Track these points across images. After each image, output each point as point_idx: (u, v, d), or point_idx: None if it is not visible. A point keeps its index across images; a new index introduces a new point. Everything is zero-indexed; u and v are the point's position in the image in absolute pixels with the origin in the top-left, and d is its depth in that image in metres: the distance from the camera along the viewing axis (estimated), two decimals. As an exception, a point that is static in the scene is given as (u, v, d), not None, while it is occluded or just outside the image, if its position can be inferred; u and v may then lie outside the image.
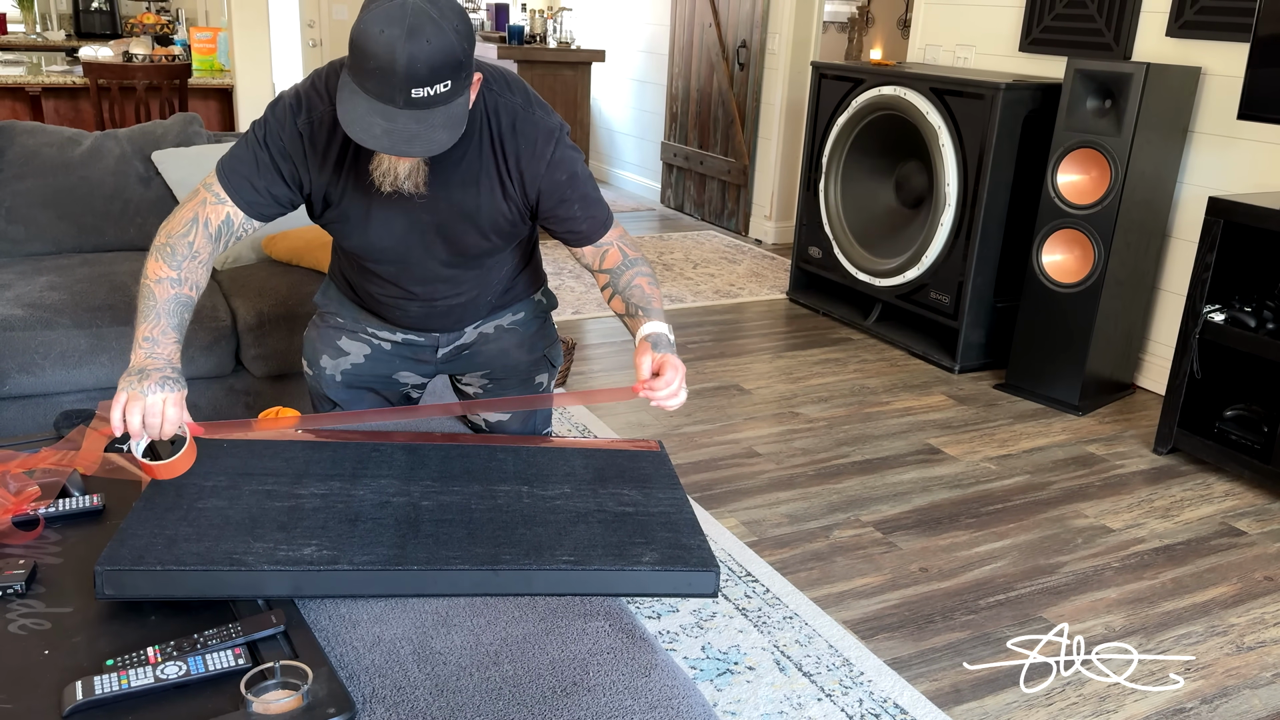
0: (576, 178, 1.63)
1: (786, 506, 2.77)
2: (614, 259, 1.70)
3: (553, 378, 2.02)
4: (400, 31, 1.29)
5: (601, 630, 1.35)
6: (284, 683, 1.16)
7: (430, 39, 1.31)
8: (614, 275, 1.70)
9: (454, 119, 1.39)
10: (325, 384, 1.95)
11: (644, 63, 6.89)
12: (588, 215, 1.67)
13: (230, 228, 1.59)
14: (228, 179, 1.58)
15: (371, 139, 1.36)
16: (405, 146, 1.37)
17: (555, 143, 1.59)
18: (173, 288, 1.54)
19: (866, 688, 2.04)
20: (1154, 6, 3.61)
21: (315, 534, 1.43)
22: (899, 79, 3.96)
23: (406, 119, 1.35)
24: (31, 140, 2.99)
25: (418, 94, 1.33)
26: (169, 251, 1.56)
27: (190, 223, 1.57)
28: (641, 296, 1.66)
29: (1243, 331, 2.96)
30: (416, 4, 1.31)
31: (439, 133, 1.38)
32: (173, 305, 1.54)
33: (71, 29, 7.40)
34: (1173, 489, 3.00)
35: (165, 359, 1.50)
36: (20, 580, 1.35)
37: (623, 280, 1.69)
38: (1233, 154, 3.44)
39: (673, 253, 5.46)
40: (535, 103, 1.60)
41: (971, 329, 3.84)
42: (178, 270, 1.55)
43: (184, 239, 1.56)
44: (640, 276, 1.69)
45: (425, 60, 1.31)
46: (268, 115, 1.58)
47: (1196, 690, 2.10)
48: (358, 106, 1.36)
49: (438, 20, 1.32)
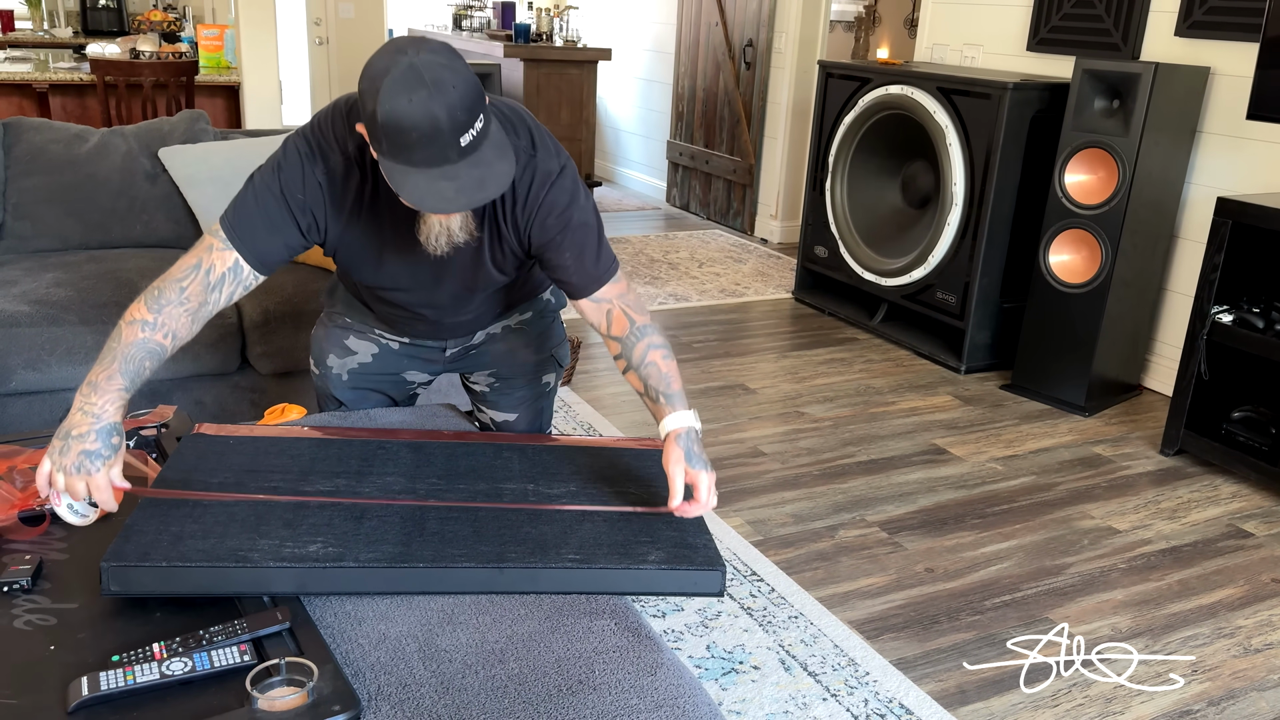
0: (569, 223, 1.56)
1: (792, 506, 2.77)
2: (621, 325, 1.61)
3: (559, 377, 2.02)
4: (428, 92, 1.28)
5: (607, 628, 1.35)
6: (289, 680, 1.16)
7: (455, 84, 1.30)
8: (625, 346, 1.61)
9: (501, 146, 1.39)
10: (332, 383, 1.95)
11: (650, 61, 6.88)
12: (578, 265, 1.59)
13: (239, 276, 1.53)
14: (237, 232, 1.51)
15: (451, 204, 1.35)
16: (481, 194, 1.36)
17: (550, 185, 1.54)
18: (143, 331, 1.44)
19: (872, 688, 2.04)
20: (1162, 6, 3.59)
21: (321, 531, 1.43)
22: (906, 78, 3.95)
23: (467, 168, 1.34)
24: (38, 137, 2.99)
25: (466, 140, 1.33)
26: (155, 295, 1.48)
27: (191, 269, 1.50)
28: (659, 378, 1.58)
29: (1251, 333, 2.95)
30: (423, 60, 1.30)
31: (499, 165, 1.37)
32: (135, 350, 1.43)
33: (79, 26, 7.41)
34: (1179, 490, 2.99)
35: (94, 414, 1.38)
36: (26, 576, 1.35)
37: (635, 354, 1.60)
38: (1241, 154, 3.43)
39: (678, 252, 5.46)
40: (540, 144, 1.55)
41: (978, 329, 3.83)
42: (156, 314, 1.46)
43: (176, 284, 1.48)
44: (654, 350, 1.60)
45: (460, 105, 1.30)
46: (280, 165, 1.52)
47: (1203, 692, 2.10)
48: (419, 183, 1.34)
49: (448, 64, 1.31)
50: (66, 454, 1.36)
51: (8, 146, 2.95)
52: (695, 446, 1.52)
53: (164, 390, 2.60)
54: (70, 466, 1.36)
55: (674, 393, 1.57)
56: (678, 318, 4.34)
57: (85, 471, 1.36)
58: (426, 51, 1.31)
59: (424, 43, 1.34)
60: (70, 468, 1.36)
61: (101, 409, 1.40)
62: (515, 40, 6.04)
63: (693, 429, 1.54)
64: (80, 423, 1.38)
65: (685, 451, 1.51)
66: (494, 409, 1.99)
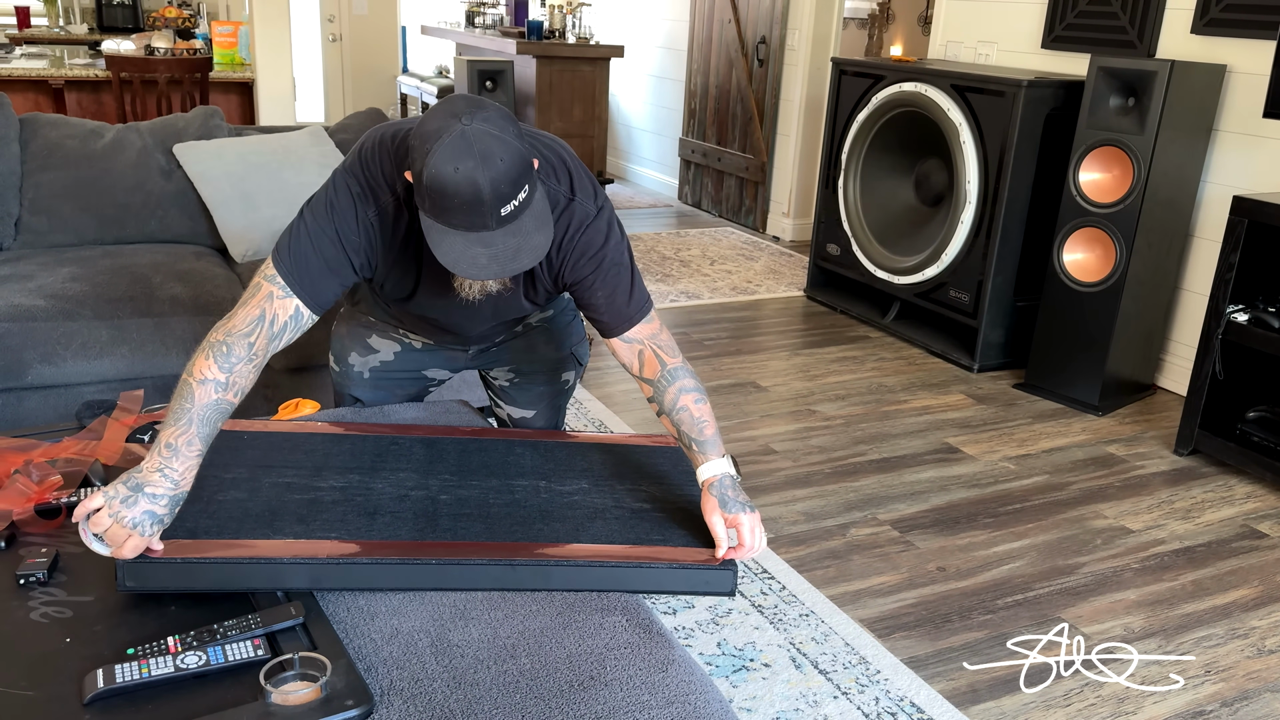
0: (603, 263, 1.57)
1: (803, 504, 2.76)
2: (652, 368, 1.60)
3: (579, 375, 2.02)
4: (475, 162, 1.29)
5: (619, 625, 1.35)
6: (303, 674, 1.17)
7: (502, 157, 1.31)
8: (657, 390, 1.60)
9: (541, 216, 1.40)
10: (352, 381, 1.95)
11: (662, 59, 6.88)
12: (609, 304, 1.59)
13: (299, 322, 1.52)
14: (296, 278, 1.49)
15: (482, 271, 1.36)
16: (514, 264, 1.37)
17: (585, 228, 1.55)
18: (216, 392, 1.41)
19: (883, 686, 2.04)
20: (1178, 4, 3.57)
21: (334, 526, 1.43)
22: (920, 76, 3.93)
23: (503, 237, 1.35)
24: (54, 132, 3.01)
25: (507, 211, 1.34)
26: (224, 351, 1.43)
27: (255, 321, 1.46)
28: (691, 423, 1.56)
29: (1266, 332, 2.93)
30: (474, 129, 1.30)
31: (535, 236, 1.38)
32: (210, 413, 1.40)
33: (94, 22, 7.44)
34: (1193, 490, 2.98)
35: (174, 480, 1.35)
36: (43, 569, 1.36)
37: (667, 399, 1.58)
38: (1258, 153, 3.40)
39: (690, 249, 5.45)
40: (579, 186, 1.56)
41: (991, 328, 3.82)
42: (227, 374, 1.42)
43: (244, 339, 1.45)
44: (685, 395, 1.57)
45: (506, 178, 1.31)
46: (333, 206, 1.51)
47: (1216, 693, 2.09)
48: (455, 245, 1.35)
49: (499, 135, 1.31)
50: (131, 506, 1.30)
51: (24, 142, 2.96)
52: (730, 492, 1.50)
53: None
54: (129, 519, 1.30)
55: (707, 439, 1.55)
56: (689, 315, 4.34)
57: (140, 530, 1.30)
58: (479, 120, 1.31)
59: (480, 109, 1.34)
60: (128, 520, 1.30)
61: (181, 477, 1.36)
62: (528, 37, 6.04)
63: (727, 475, 1.52)
64: (158, 483, 1.33)
65: (720, 499, 1.49)
66: (512, 405, 1.99)
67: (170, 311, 2.58)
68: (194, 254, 2.93)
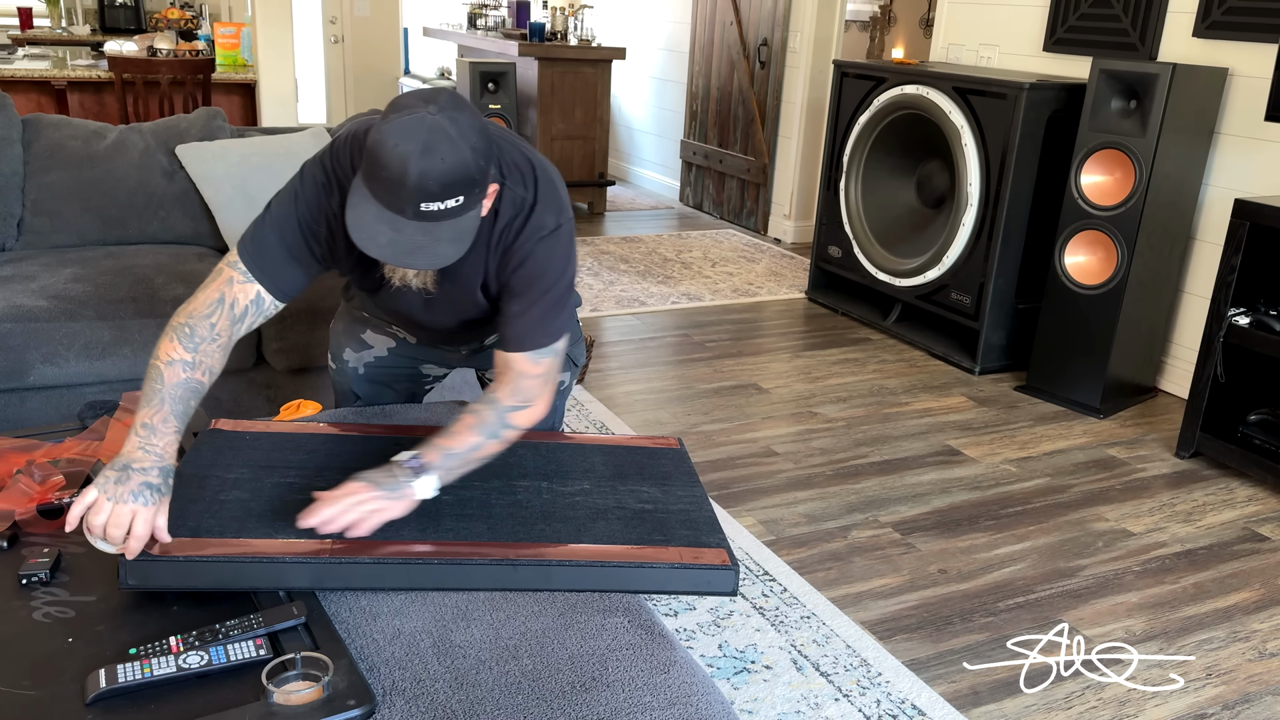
0: (535, 278, 1.52)
1: (804, 506, 2.76)
2: (500, 387, 1.54)
3: (574, 376, 2.02)
4: (416, 147, 1.29)
5: (621, 626, 1.35)
6: (305, 674, 1.17)
7: (444, 157, 1.30)
8: (486, 393, 1.56)
9: (462, 233, 1.37)
10: (348, 377, 1.96)
11: (664, 60, 6.88)
12: (516, 320, 1.53)
13: (260, 307, 1.54)
14: (258, 264, 1.52)
15: (376, 248, 1.35)
16: (408, 258, 1.36)
17: (538, 238, 1.51)
18: (184, 371, 1.44)
19: (884, 688, 2.03)
20: (1180, 6, 3.57)
21: (336, 526, 1.43)
22: (921, 78, 3.94)
23: (413, 230, 1.34)
24: (57, 133, 3.01)
25: (427, 208, 1.32)
26: (187, 332, 1.47)
27: (215, 304, 1.50)
28: (450, 430, 1.49)
29: (1268, 335, 2.93)
30: (436, 120, 1.30)
31: (445, 246, 1.36)
32: (181, 390, 1.43)
33: (96, 24, 7.45)
34: (1195, 493, 2.98)
35: (158, 454, 1.37)
36: (45, 568, 1.37)
37: (476, 405, 1.54)
38: (1260, 156, 3.41)
39: (691, 251, 5.46)
40: (544, 198, 1.52)
41: (992, 330, 3.82)
42: (193, 353, 1.46)
43: (206, 320, 1.48)
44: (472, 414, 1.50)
45: (437, 177, 1.30)
46: (297, 195, 1.52)
47: (1218, 696, 2.09)
48: (367, 213, 1.35)
49: (455, 139, 1.30)
50: (124, 483, 1.32)
51: (27, 143, 2.97)
52: (382, 476, 1.42)
53: (180, 386, 2.61)
54: (126, 494, 1.31)
55: (434, 441, 1.48)
56: (690, 317, 4.34)
57: (141, 502, 1.31)
58: (446, 116, 1.31)
59: (456, 109, 1.33)
60: (127, 496, 1.31)
61: (164, 450, 1.38)
62: (530, 39, 6.04)
63: (399, 464, 1.44)
64: (143, 458, 1.36)
65: (369, 478, 1.42)
66: None
67: (173, 312, 2.58)
68: (196, 255, 2.94)
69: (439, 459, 1.46)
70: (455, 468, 1.49)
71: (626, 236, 5.72)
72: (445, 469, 1.47)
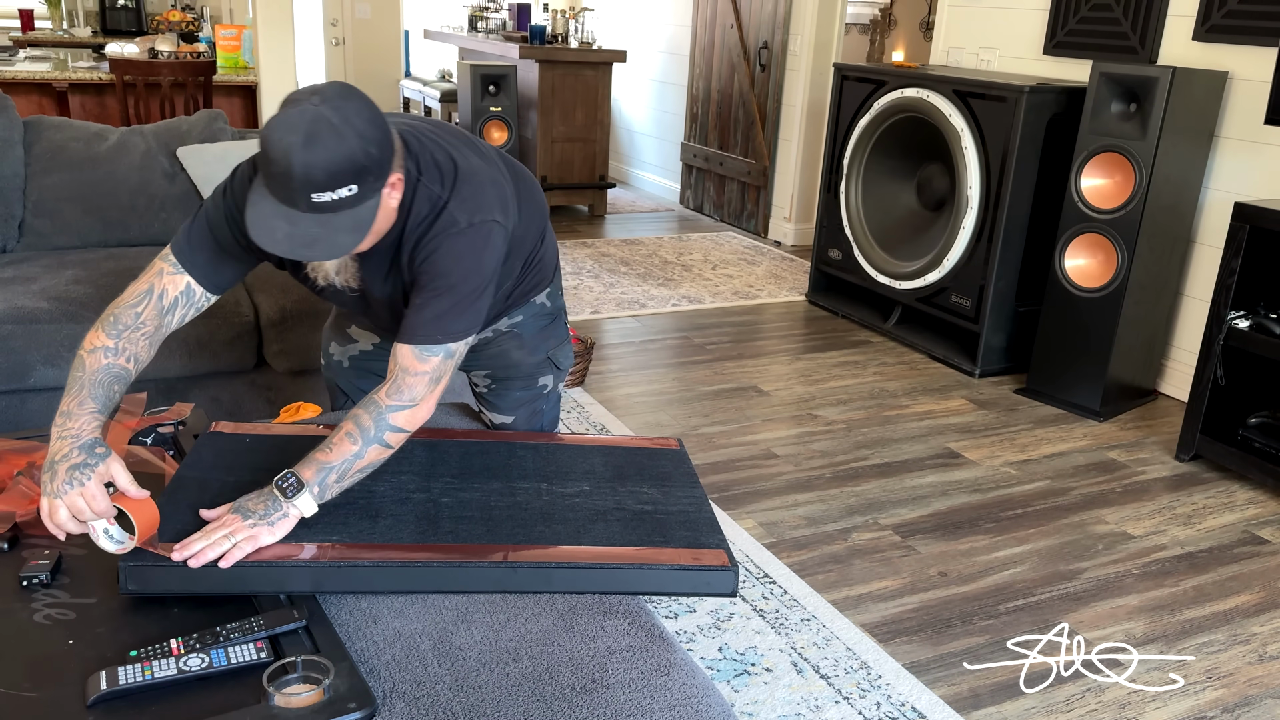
0: (437, 273, 1.49)
1: (805, 508, 2.76)
2: (383, 384, 1.50)
3: (559, 379, 1.99)
4: (298, 139, 1.29)
5: (621, 628, 1.35)
6: (305, 677, 1.17)
7: (328, 146, 1.30)
8: (370, 393, 1.52)
9: (360, 222, 1.37)
10: (335, 371, 1.98)
11: (665, 63, 6.89)
12: (414, 314, 1.50)
13: (191, 299, 1.56)
14: (189, 257, 1.54)
15: (272, 242, 1.35)
16: (304, 250, 1.35)
17: (445, 234, 1.49)
18: (106, 357, 1.46)
19: (884, 691, 2.04)
20: (1180, 10, 3.58)
21: (336, 529, 1.44)
22: (921, 81, 3.94)
23: (309, 223, 1.34)
24: (58, 135, 3.02)
25: (319, 199, 1.32)
26: (110, 321, 1.49)
27: (143, 294, 1.52)
28: (329, 441, 1.46)
29: (1267, 338, 2.93)
30: (319, 111, 1.30)
31: (342, 236, 1.36)
32: (102, 376, 1.45)
33: (98, 25, 7.46)
34: (1195, 496, 2.98)
35: (73, 435, 1.38)
36: (45, 570, 1.37)
37: (356, 409, 1.50)
38: (1259, 159, 3.41)
39: (692, 254, 5.46)
40: (460, 196, 1.50)
41: (992, 333, 3.82)
42: (115, 339, 1.47)
43: (131, 309, 1.51)
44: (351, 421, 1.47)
45: (322, 166, 1.30)
46: (226, 189, 1.54)
47: (1218, 699, 2.09)
48: (264, 209, 1.35)
49: (338, 126, 1.30)
50: (55, 478, 1.34)
51: (29, 145, 2.97)
52: (257, 503, 1.41)
53: (181, 388, 2.62)
54: (60, 488, 1.33)
55: (313, 459, 1.45)
56: (691, 319, 4.34)
57: (78, 484, 1.33)
58: (329, 107, 1.31)
59: (344, 98, 1.33)
60: (60, 488, 1.33)
61: (79, 430, 1.38)
62: (531, 42, 6.05)
63: (274, 489, 1.42)
64: (60, 448, 1.37)
65: (243, 507, 1.41)
66: (492, 410, 1.99)
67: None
68: (197, 257, 2.94)
69: (314, 475, 1.43)
70: (334, 482, 1.45)
71: (627, 239, 5.73)
72: (323, 485, 1.43)
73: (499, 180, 1.57)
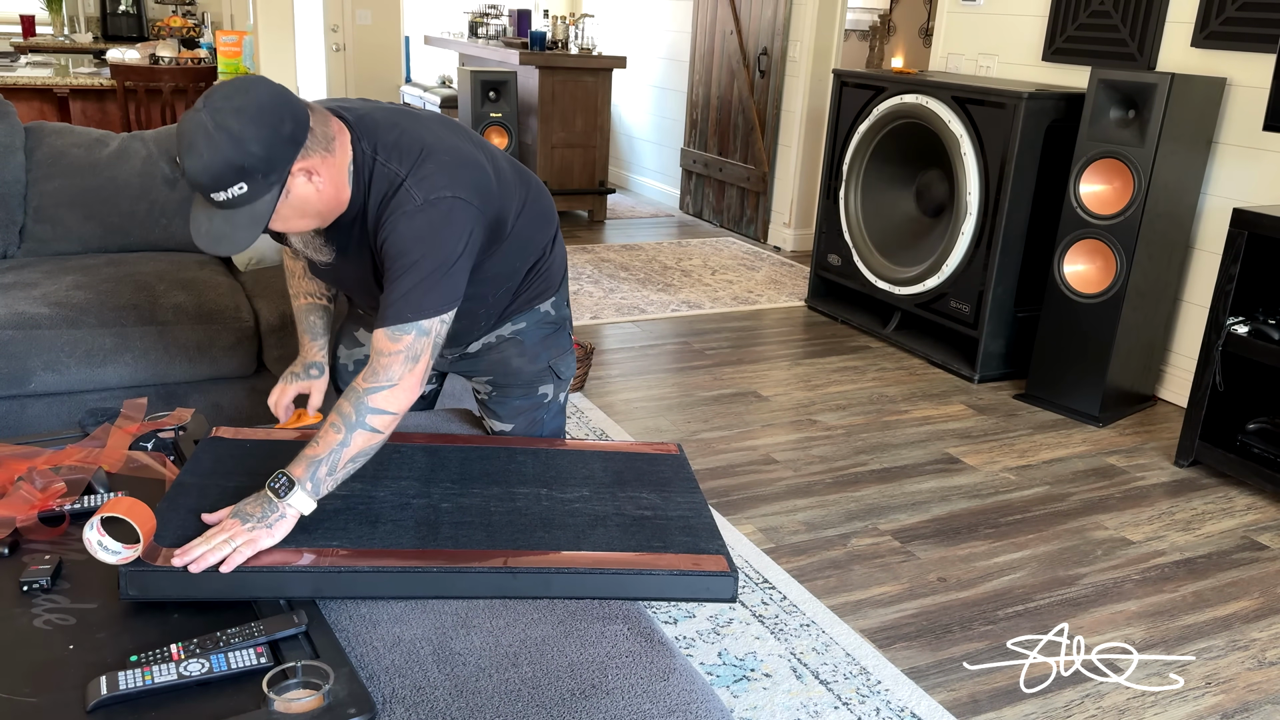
0: (398, 254, 1.50)
1: (804, 514, 2.76)
2: (366, 371, 1.52)
3: (560, 389, 1.99)
4: (184, 146, 1.39)
5: (620, 634, 1.35)
6: (305, 682, 1.17)
7: (202, 153, 1.37)
8: (352, 384, 1.53)
9: (256, 216, 1.44)
10: (342, 376, 1.99)
11: (665, 69, 6.90)
12: (384, 297, 1.52)
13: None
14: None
15: (198, 237, 1.45)
16: (215, 244, 1.44)
17: (400, 212, 1.50)
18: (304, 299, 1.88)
19: (884, 696, 2.04)
20: (1179, 16, 3.59)
21: (336, 535, 1.44)
22: (921, 87, 3.95)
23: (220, 219, 1.43)
24: (59, 141, 3.02)
25: (218, 198, 1.41)
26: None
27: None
28: (315, 437, 1.48)
29: (1266, 344, 2.94)
30: (198, 119, 1.38)
31: (242, 232, 1.44)
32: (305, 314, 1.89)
33: (99, 31, 7.47)
34: (1194, 502, 2.98)
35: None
36: (46, 575, 1.37)
37: (340, 399, 1.51)
38: (1258, 166, 3.42)
39: (691, 259, 5.47)
40: (418, 176, 1.51)
41: (992, 338, 3.82)
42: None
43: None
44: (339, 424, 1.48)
45: (203, 170, 1.38)
46: None
47: (1217, 705, 2.09)
48: (197, 207, 1.46)
49: (211, 133, 1.37)
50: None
51: (30, 150, 2.97)
52: (253, 506, 1.42)
53: (181, 393, 2.62)
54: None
55: (302, 456, 1.47)
56: (690, 325, 4.35)
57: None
58: (207, 113, 1.38)
59: (226, 98, 1.39)
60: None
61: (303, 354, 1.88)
62: (531, 48, 6.06)
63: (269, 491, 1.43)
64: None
65: (241, 511, 1.42)
66: (493, 417, 1.98)
67: (174, 320, 2.59)
68: (197, 263, 2.94)
69: (305, 472, 1.44)
70: (326, 475, 1.45)
71: (627, 244, 5.73)
72: (315, 480, 1.44)
73: (478, 164, 1.59)
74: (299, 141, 1.43)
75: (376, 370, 1.51)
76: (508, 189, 1.69)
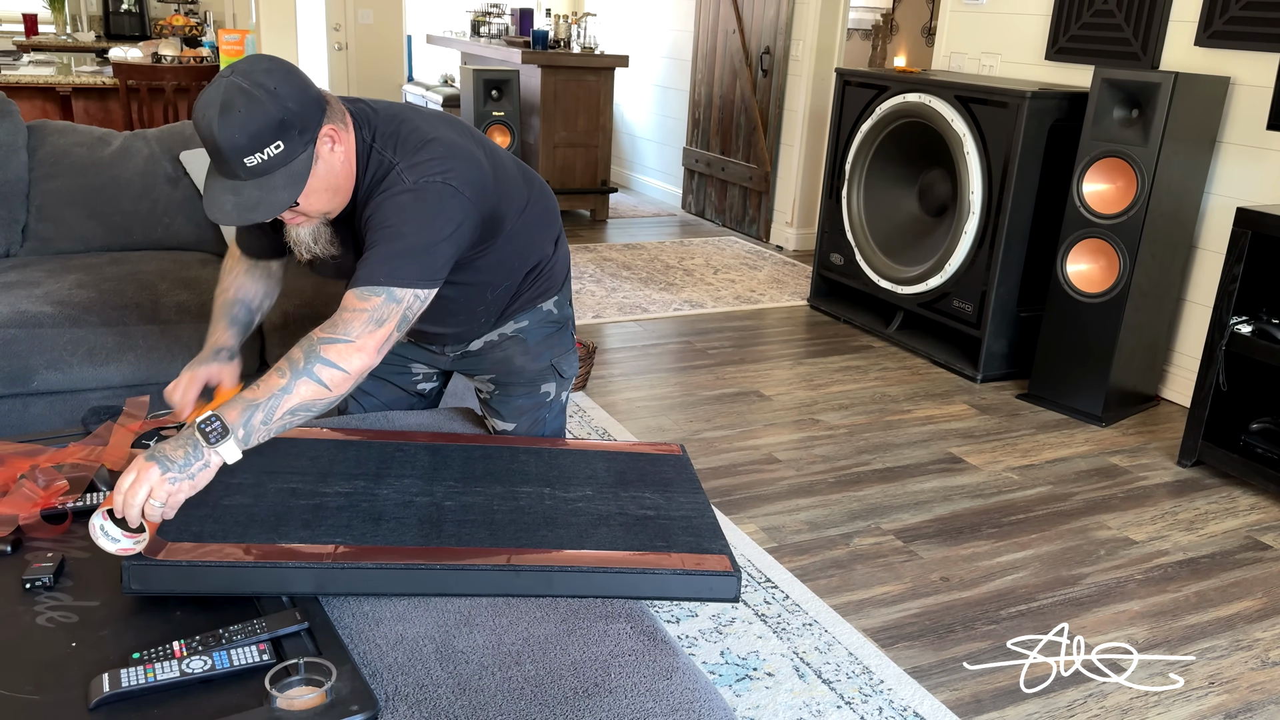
0: (380, 227, 1.48)
1: (807, 513, 2.76)
2: (326, 323, 1.47)
3: (563, 388, 1.98)
4: (214, 112, 1.36)
5: (623, 632, 1.35)
6: (308, 679, 1.17)
7: (241, 109, 1.36)
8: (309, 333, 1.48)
9: (295, 176, 1.42)
10: None
11: (667, 68, 6.90)
12: (361, 261, 1.49)
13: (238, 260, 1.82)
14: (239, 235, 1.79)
15: (223, 215, 1.41)
16: (249, 214, 1.41)
17: (389, 192, 1.50)
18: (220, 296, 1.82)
19: (886, 696, 2.03)
20: (1182, 15, 3.58)
21: (339, 532, 1.44)
22: (923, 86, 3.95)
23: (250, 188, 1.41)
24: (62, 140, 3.02)
25: (251, 163, 1.39)
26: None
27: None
28: (258, 381, 1.42)
29: (1270, 344, 2.93)
30: (230, 81, 1.37)
31: (280, 193, 1.42)
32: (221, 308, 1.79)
33: (101, 30, 7.48)
34: (1197, 502, 2.98)
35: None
36: (48, 573, 1.37)
37: (295, 344, 1.46)
38: (1262, 165, 3.41)
39: (693, 258, 5.46)
40: (408, 160, 1.51)
41: (994, 338, 3.82)
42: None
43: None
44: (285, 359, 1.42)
45: (240, 129, 1.36)
46: None
47: (1220, 705, 2.08)
48: (214, 188, 1.43)
49: (248, 90, 1.36)
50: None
51: (32, 149, 2.98)
52: (176, 450, 1.35)
53: (183, 391, 2.62)
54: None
55: (239, 397, 1.40)
56: (692, 324, 4.34)
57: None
58: (239, 75, 1.37)
59: (259, 64, 1.40)
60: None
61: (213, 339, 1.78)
62: (533, 47, 6.06)
63: (193, 430, 1.36)
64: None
65: (155, 451, 1.36)
66: (495, 416, 1.98)
67: (176, 318, 2.59)
68: (200, 261, 2.94)
69: (239, 416, 1.37)
70: (260, 424, 1.38)
71: (629, 243, 5.73)
72: (248, 427, 1.37)
73: (474, 159, 1.59)
74: (323, 105, 1.46)
75: (336, 323, 1.45)
76: (507, 187, 1.69)
